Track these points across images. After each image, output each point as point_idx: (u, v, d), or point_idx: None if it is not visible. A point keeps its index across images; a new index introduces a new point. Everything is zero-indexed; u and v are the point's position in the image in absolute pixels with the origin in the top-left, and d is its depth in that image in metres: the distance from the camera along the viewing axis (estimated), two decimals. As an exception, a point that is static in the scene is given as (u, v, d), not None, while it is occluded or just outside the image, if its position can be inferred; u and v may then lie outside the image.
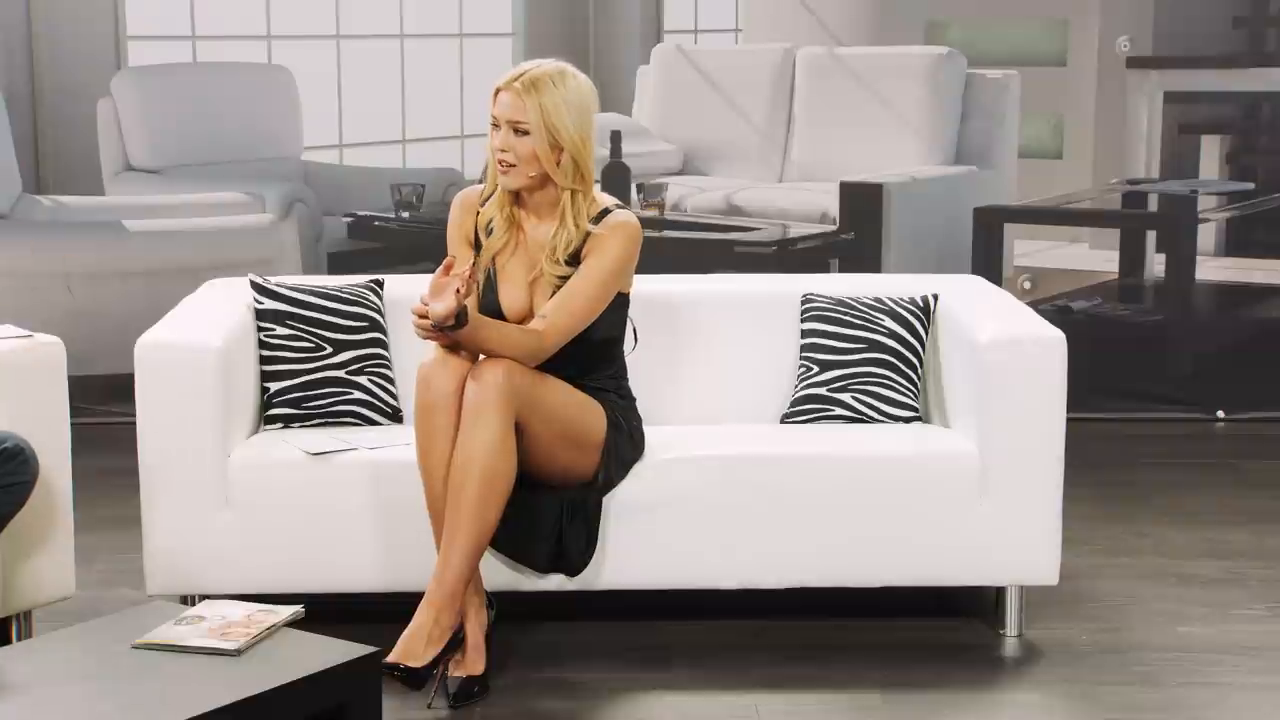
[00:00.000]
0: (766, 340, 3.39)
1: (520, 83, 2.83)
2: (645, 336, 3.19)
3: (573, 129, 2.83)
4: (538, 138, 2.83)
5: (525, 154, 2.85)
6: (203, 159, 6.08)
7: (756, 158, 6.60)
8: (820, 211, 5.84)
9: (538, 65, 2.86)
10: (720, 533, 3.03)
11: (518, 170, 2.86)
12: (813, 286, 3.43)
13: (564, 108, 2.83)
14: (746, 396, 3.38)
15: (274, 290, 3.25)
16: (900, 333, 3.30)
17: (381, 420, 3.26)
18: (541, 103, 2.82)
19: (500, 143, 2.84)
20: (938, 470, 3.04)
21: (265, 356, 3.22)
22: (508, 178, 2.87)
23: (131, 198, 5.50)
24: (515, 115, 2.83)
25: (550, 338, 2.84)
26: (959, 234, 5.77)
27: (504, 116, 2.84)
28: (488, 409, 2.74)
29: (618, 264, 2.88)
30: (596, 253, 2.87)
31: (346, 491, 3.00)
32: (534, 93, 2.82)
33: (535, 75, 2.83)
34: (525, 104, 2.82)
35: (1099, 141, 6.36)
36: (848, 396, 3.27)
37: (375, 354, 3.29)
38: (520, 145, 2.84)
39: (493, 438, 2.73)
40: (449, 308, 2.67)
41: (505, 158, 2.86)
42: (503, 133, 2.84)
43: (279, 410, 3.20)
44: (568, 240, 2.88)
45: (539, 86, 2.83)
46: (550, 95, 2.82)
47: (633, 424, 3.01)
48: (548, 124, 2.82)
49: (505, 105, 2.84)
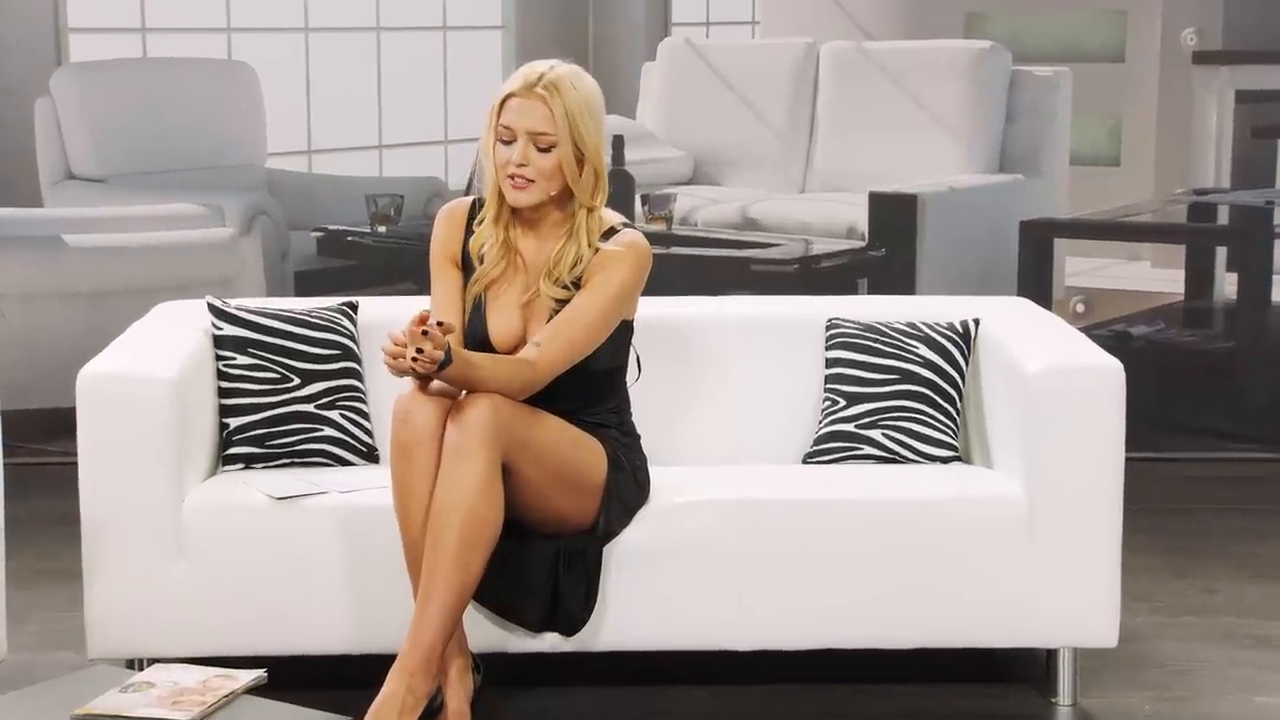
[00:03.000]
0: (787, 370, 3.41)
1: (543, 86, 2.83)
2: (651, 366, 3.20)
3: (594, 135, 2.86)
4: (564, 148, 2.84)
5: (548, 169, 2.85)
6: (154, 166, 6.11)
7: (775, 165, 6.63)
8: (847, 225, 5.87)
9: (550, 66, 2.87)
10: (734, 587, 3.04)
11: (536, 187, 2.87)
12: (838, 310, 3.45)
13: (586, 112, 2.85)
14: (764, 433, 3.39)
15: (234, 314, 3.27)
16: (937, 362, 3.32)
17: (355, 460, 3.28)
18: (568, 108, 2.83)
19: (519, 157, 2.84)
20: (979, 517, 3.05)
21: (224, 389, 3.23)
22: (523, 194, 2.87)
23: (73, 209, 5.53)
24: (540, 125, 2.84)
25: (544, 368, 2.85)
26: (1003, 250, 5.78)
27: (523, 127, 2.84)
28: (472, 448, 2.75)
29: (624, 288, 2.90)
30: (601, 275, 2.89)
31: (315, 540, 3.01)
32: (558, 97, 2.83)
33: (555, 77, 2.84)
34: (552, 111, 2.83)
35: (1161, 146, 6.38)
36: (878, 434, 3.28)
37: (348, 386, 3.31)
38: (543, 159, 2.85)
39: (477, 480, 2.74)
40: (434, 357, 2.67)
41: (523, 173, 2.85)
42: (520, 146, 2.84)
43: (239, 449, 3.22)
44: (576, 259, 2.89)
45: (560, 88, 2.83)
46: (572, 99, 2.84)
47: (636, 464, 3.02)
48: (574, 133, 2.84)
49: (526, 114, 2.83)
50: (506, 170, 2.87)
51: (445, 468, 2.76)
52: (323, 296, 3.46)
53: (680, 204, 5.82)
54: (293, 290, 5.76)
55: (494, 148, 2.88)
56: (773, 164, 6.62)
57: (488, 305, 2.95)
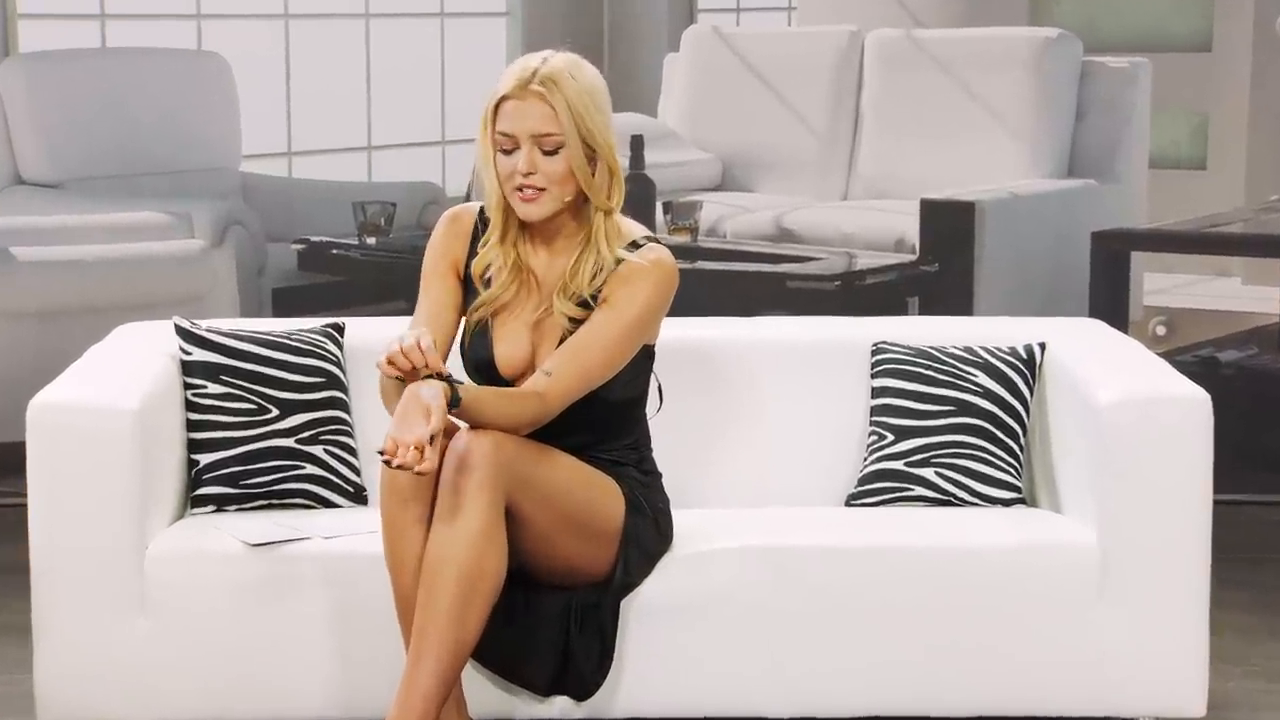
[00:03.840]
0: (827, 401, 3.42)
1: (540, 82, 2.84)
2: (674, 396, 3.21)
3: (603, 128, 2.87)
4: (573, 148, 2.85)
5: (558, 174, 2.86)
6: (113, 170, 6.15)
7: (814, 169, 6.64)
8: (895, 237, 5.87)
9: (543, 60, 2.88)
10: (767, 646, 3.04)
11: (549, 196, 2.88)
12: (886, 332, 3.46)
13: (590, 103, 2.86)
14: (801, 472, 3.40)
15: (204, 337, 3.29)
16: (998, 392, 3.32)
17: (340, 501, 3.29)
18: (570, 103, 2.84)
19: (524, 164, 2.85)
20: (1046, 567, 3.05)
21: (193, 421, 3.25)
22: (535, 207, 2.88)
23: (22, 218, 5.56)
24: (543, 126, 2.84)
25: (555, 399, 2.87)
26: (1072, 265, 5.78)
27: (525, 131, 2.85)
28: (470, 489, 2.76)
29: (646, 310, 2.91)
30: (621, 293, 2.90)
31: (295, 593, 3.02)
32: (558, 91, 2.84)
33: (551, 71, 2.84)
34: (554, 108, 2.84)
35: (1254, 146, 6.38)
36: (931, 472, 3.29)
37: (333, 418, 3.33)
38: (551, 164, 2.86)
39: (476, 525, 2.76)
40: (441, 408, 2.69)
41: (532, 183, 2.86)
42: (525, 153, 2.85)
43: (210, 489, 3.23)
44: (596, 269, 2.91)
45: (559, 81, 2.84)
46: (574, 91, 2.84)
47: (657, 506, 3.03)
48: (582, 129, 2.85)
49: (525, 116, 2.84)
50: (513, 182, 2.88)
51: (441, 511, 2.78)
52: (304, 317, 3.48)
53: (707, 213, 5.83)
54: (270, 310, 5.78)
55: (494, 159, 2.89)
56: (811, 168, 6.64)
57: (494, 329, 2.96)
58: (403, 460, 2.67)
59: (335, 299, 5.89)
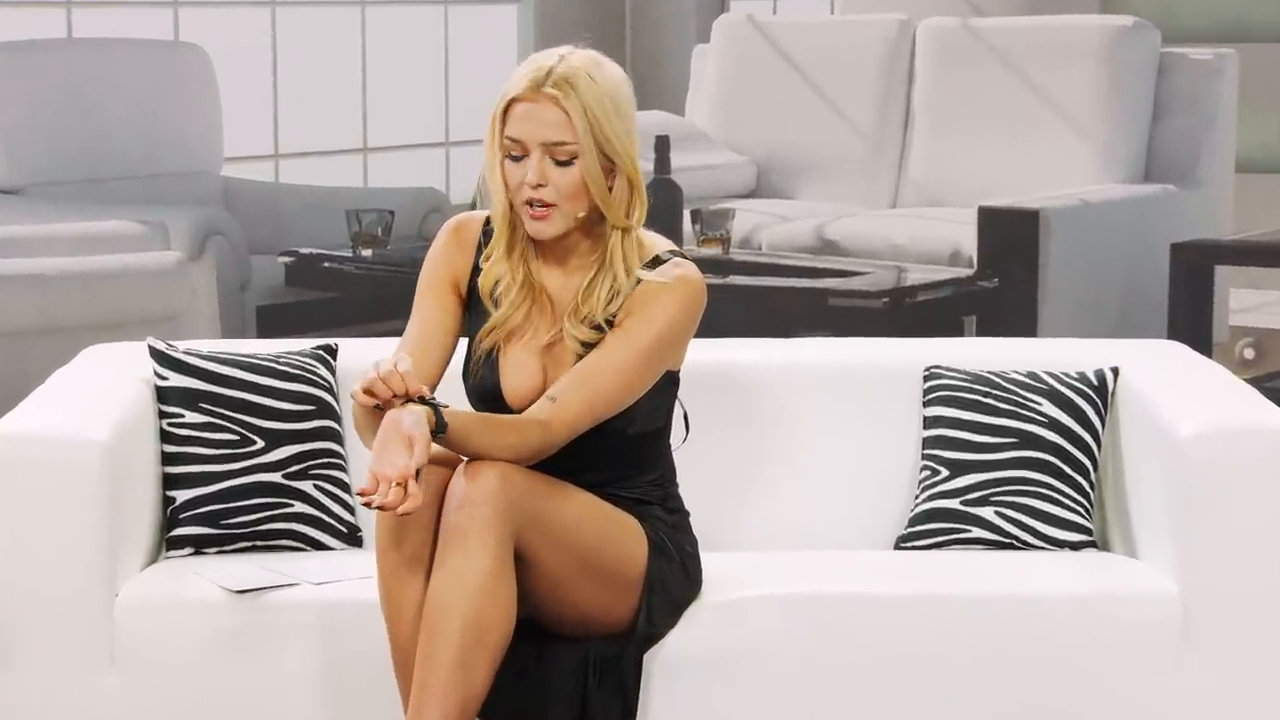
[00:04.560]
0: (874, 432, 3.42)
1: (554, 84, 2.84)
2: (703, 426, 3.21)
3: (624, 136, 2.87)
4: (589, 159, 2.85)
5: (571, 187, 2.86)
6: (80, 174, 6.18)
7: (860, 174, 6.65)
8: (950, 249, 5.88)
9: (559, 58, 2.87)
10: (807, 704, 3.04)
11: (559, 212, 2.88)
12: (940, 356, 3.46)
13: (611, 109, 2.86)
14: (845, 511, 3.40)
15: (182, 360, 3.30)
16: (1065, 422, 3.32)
17: (332, 543, 3.30)
18: (587, 107, 2.84)
19: (534, 176, 2.85)
20: (1121, 618, 3.05)
21: (169, 454, 3.26)
22: (546, 224, 2.88)
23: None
24: (555, 133, 2.84)
25: (559, 427, 2.87)
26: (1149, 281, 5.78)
27: (534, 138, 2.85)
28: (475, 528, 2.77)
29: (668, 331, 2.91)
30: (641, 313, 2.90)
31: (282, 645, 3.02)
32: (574, 95, 2.84)
33: (568, 71, 2.84)
34: (568, 114, 2.84)
35: (1352, 149, 6.37)
36: (990, 512, 3.29)
37: (325, 450, 3.33)
38: (563, 176, 2.86)
39: (483, 569, 2.76)
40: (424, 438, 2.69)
41: (541, 197, 2.86)
42: (535, 162, 2.85)
43: (188, 529, 3.24)
44: (612, 292, 2.91)
45: (576, 84, 2.84)
46: (593, 95, 2.84)
47: (685, 549, 3.03)
48: (599, 137, 2.85)
49: (536, 121, 2.84)
50: (521, 194, 2.88)
51: (443, 553, 2.78)
52: (293, 338, 3.49)
53: (740, 222, 5.84)
54: (255, 330, 5.80)
55: (501, 165, 2.90)
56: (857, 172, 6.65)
57: (502, 355, 2.97)
58: (384, 500, 2.67)
59: (327, 318, 5.91)
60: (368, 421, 2.81)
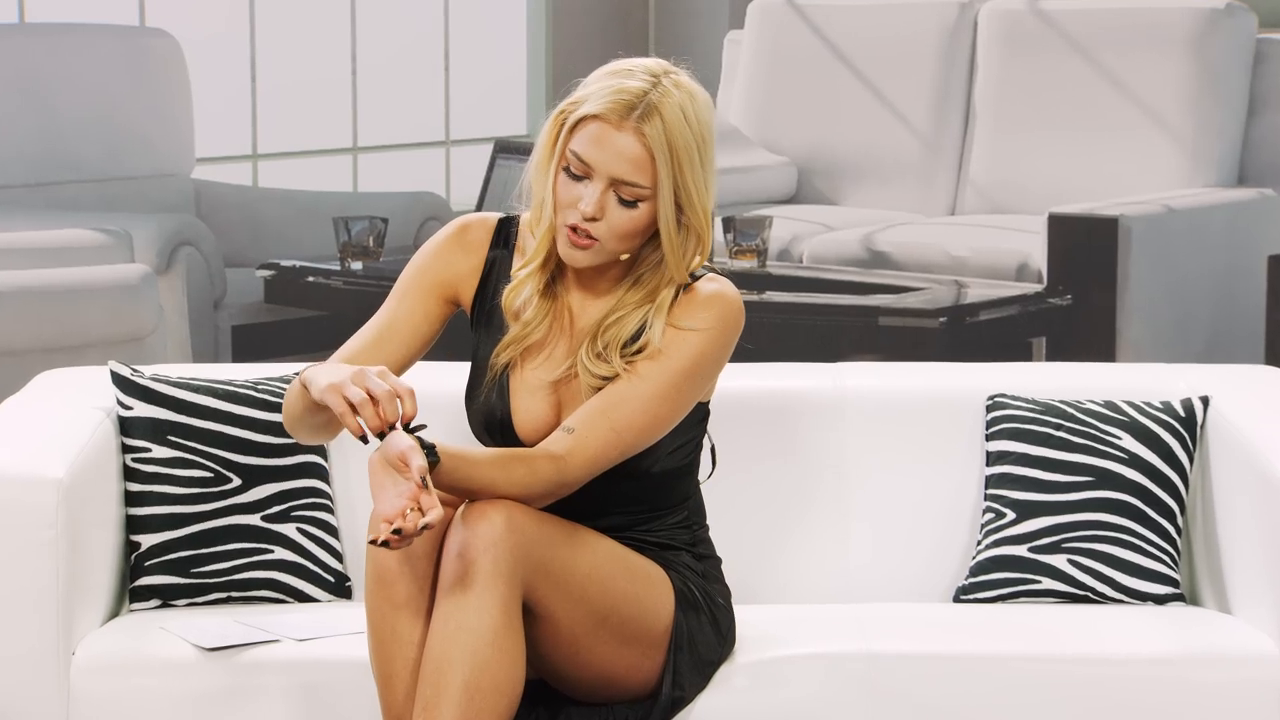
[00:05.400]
0: (930, 469, 3.41)
1: (642, 115, 2.82)
2: (736, 461, 3.21)
3: (704, 189, 2.86)
4: (662, 204, 2.85)
5: (626, 229, 2.86)
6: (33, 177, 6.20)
7: (914, 177, 6.65)
8: (1017, 262, 5.87)
9: (652, 82, 2.84)
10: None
11: (604, 248, 2.88)
12: (1005, 383, 3.45)
13: (695, 156, 2.85)
14: (898, 559, 3.39)
15: (148, 387, 3.30)
16: (1148, 459, 3.31)
17: (317, 594, 3.30)
18: (674, 150, 2.83)
19: (592, 208, 2.85)
20: (1214, 682, 3.03)
21: (134, 493, 3.26)
22: (582, 254, 2.88)
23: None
24: (631, 172, 2.83)
25: (577, 465, 2.86)
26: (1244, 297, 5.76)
27: (605, 169, 2.84)
28: (479, 579, 2.76)
29: (705, 357, 2.91)
30: (669, 340, 2.90)
31: (260, 708, 3.01)
32: (662, 135, 2.82)
33: (660, 102, 2.82)
34: (652, 155, 2.83)
35: None
36: (1062, 560, 3.28)
37: (309, 489, 3.33)
38: (621, 215, 2.85)
39: (486, 625, 2.75)
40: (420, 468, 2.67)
41: (592, 230, 2.86)
42: (596, 192, 2.85)
43: (154, 579, 3.24)
44: (643, 339, 2.88)
45: (669, 123, 2.82)
46: (683, 138, 2.83)
47: (716, 601, 3.02)
48: (678, 182, 2.85)
49: (612, 154, 2.83)
50: (568, 215, 2.87)
51: (442, 607, 2.77)
52: (273, 362, 3.49)
53: (777, 231, 5.84)
54: (230, 353, 5.81)
55: (556, 176, 2.89)
56: (911, 175, 6.65)
57: (512, 379, 2.97)
58: (402, 524, 2.64)
59: (312, 339, 5.91)
60: (306, 407, 2.78)
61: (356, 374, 2.73)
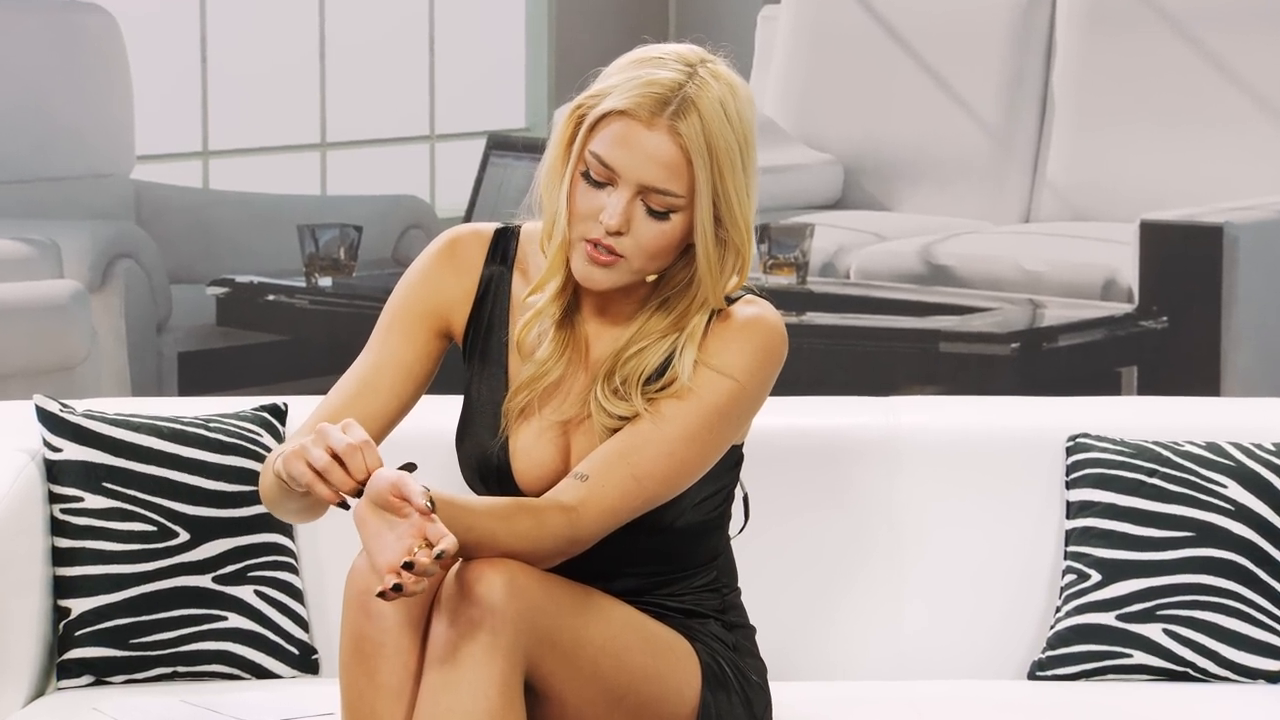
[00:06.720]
0: (1001, 521, 3.42)
1: (677, 111, 2.81)
2: (773, 511, 3.22)
3: (745, 197, 2.86)
4: (700, 215, 2.84)
5: (655, 244, 2.85)
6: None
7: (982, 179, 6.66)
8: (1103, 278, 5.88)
9: (688, 72, 2.82)
10: None
11: (627, 267, 2.87)
12: (1089, 420, 3.46)
13: (739, 160, 2.84)
14: (964, 627, 3.40)
15: (80, 425, 3.32)
16: (1258, 511, 3.32)
17: (280, 670, 3.31)
18: (715, 153, 2.82)
19: (615, 220, 2.83)
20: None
21: (63, 550, 3.27)
22: (602, 273, 2.87)
23: None
24: (663, 178, 2.82)
25: (590, 519, 2.87)
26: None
27: (633, 174, 2.83)
28: (474, 652, 2.77)
29: (742, 393, 2.91)
30: (700, 375, 2.90)
31: (210, 803, 3.04)
32: (700, 136, 2.81)
33: (698, 96, 2.81)
34: (689, 158, 2.82)
35: None
36: (1157, 630, 3.29)
37: (269, 545, 3.35)
38: (650, 229, 2.84)
39: (482, 706, 2.76)
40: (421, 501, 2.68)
41: (616, 245, 2.86)
42: (622, 202, 2.83)
43: (87, 651, 3.24)
44: (670, 374, 2.89)
45: (708, 122, 2.81)
46: (724, 138, 2.82)
47: (748, 678, 3.03)
48: (721, 190, 2.84)
49: (643, 156, 2.82)
50: (587, 228, 2.86)
51: (431, 684, 2.78)
52: (227, 394, 3.51)
53: (820, 241, 5.85)
54: (176, 385, 5.82)
55: (573, 183, 2.89)
56: (977, 177, 6.66)
57: (512, 422, 2.97)
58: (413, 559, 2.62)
59: (272, 368, 5.92)
60: (280, 488, 2.80)
61: (318, 434, 2.72)
